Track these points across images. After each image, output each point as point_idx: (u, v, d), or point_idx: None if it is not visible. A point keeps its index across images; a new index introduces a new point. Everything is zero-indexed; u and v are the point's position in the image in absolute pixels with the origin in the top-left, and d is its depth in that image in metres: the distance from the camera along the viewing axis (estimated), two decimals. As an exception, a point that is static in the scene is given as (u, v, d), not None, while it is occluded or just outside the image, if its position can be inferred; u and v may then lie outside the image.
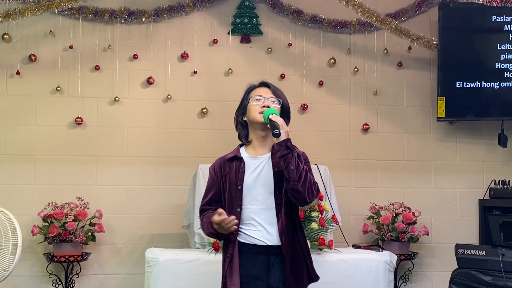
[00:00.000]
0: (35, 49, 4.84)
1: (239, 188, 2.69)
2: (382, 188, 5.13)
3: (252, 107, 2.75)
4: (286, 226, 2.68)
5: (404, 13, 5.18)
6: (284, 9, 5.09)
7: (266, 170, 2.72)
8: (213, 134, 4.96)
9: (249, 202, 2.70)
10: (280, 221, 2.67)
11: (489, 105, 5.04)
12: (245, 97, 2.83)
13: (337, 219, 4.27)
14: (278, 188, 2.69)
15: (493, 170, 5.16)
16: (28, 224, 4.58)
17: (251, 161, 2.74)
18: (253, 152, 2.77)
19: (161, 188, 4.89)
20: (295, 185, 2.56)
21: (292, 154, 2.58)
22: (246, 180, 2.70)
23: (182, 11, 5.00)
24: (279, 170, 2.65)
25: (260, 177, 2.71)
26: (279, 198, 2.69)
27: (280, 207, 2.68)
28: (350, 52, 5.20)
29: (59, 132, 4.83)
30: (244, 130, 2.81)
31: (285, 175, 2.58)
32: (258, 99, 2.75)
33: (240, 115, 2.83)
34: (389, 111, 5.21)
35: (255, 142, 2.78)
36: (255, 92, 2.81)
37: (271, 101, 2.75)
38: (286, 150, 2.58)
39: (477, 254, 4.00)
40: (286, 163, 2.57)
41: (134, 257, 4.81)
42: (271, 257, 2.67)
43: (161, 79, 4.98)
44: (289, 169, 2.56)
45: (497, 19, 4.99)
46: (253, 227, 2.69)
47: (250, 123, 2.77)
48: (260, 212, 2.69)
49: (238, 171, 2.72)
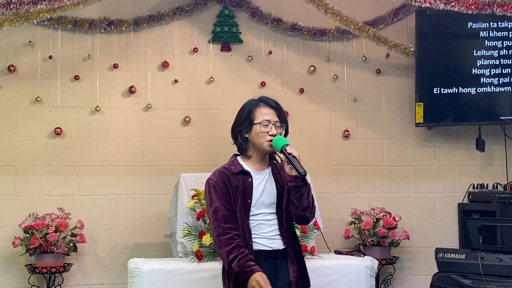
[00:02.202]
0: (14, 60, 4.81)
1: (249, 201, 2.81)
2: (363, 193, 5.18)
3: (259, 132, 2.81)
4: (288, 236, 2.87)
5: (382, 20, 5.24)
6: (264, 17, 5.13)
7: (269, 185, 2.86)
8: (195, 142, 4.97)
9: (255, 214, 2.82)
10: (284, 234, 2.85)
11: (466, 110, 5.11)
12: (248, 113, 2.85)
13: (319, 226, 4.31)
14: (278, 203, 2.87)
15: (471, 174, 5.24)
16: (9, 235, 4.56)
17: (255, 175, 2.86)
18: (254, 167, 2.88)
19: (143, 198, 4.89)
20: (304, 212, 2.77)
21: (306, 186, 2.75)
22: (255, 194, 2.83)
23: (162, 20, 5.01)
24: (281, 187, 2.85)
25: (265, 191, 2.84)
26: (280, 213, 2.86)
27: (282, 222, 2.86)
28: (330, 60, 5.25)
29: (40, 143, 4.80)
30: (246, 144, 2.86)
31: (295, 202, 2.76)
32: (266, 125, 2.80)
33: (243, 131, 2.85)
34: (368, 117, 5.27)
35: (255, 158, 2.88)
36: (261, 113, 2.83)
37: (277, 126, 2.83)
38: (301, 181, 2.72)
39: (457, 258, 4.05)
40: (299, 194, 2.74)
41: (117, 267, 4.79)
42: (277, 261, 2.83)
43: (142, 88, 4.98)
44: (301, 199, 2.74)
45: (473, 25, 5.08)
46: (258, 236, 2.82)
47: (253, 144, 2.85)
48: (265, 223, 2.83)
49: (245, 184, 2.82)
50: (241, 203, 2.80)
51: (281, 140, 2.76)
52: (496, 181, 5.09)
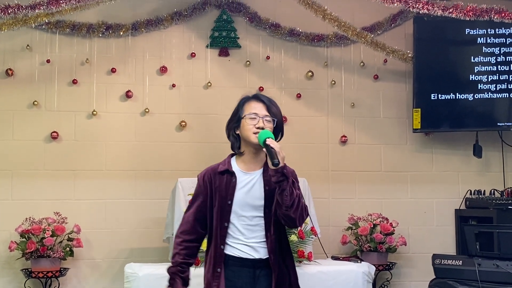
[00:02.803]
0: (12, 64, 4.81)
1: (229, 203, 2.68)
2: (360, 199, 5.18)
3: (246, 125, 2.70)
4: (275, 244, 2.68)
5: (380, 26, 5.25)
6: (262, 22, 5.14)
7: (257, 187, 2.70)
8: (192, 147, 4.97)
9: (237, 217, 2.68)
10: (269, 240, 2.67)
11: (463, 116, 5.13)
12: (239, 109, 2.78)
13: (316, 231, 4.30)
14: (267, 206, 2.68)
15: (468, 180, 5.24)
16: (5, 239, 4.55)
17: (242, 176, 2.72)
18: (244, 167, 2.74)
19: (140, 202, 4.88)
20: (288, 211, 2.56)
21: (288, 181, 2.55)
22: (237, 196, 2.69)
23: (160, 25, 5.01)
24: (270, 189, 2.65)
25: (250, 193, 2.69)
26: (268, 216, 2.68)
27: (269, 226, 2.68)
28: (327, 65, 5.25)
29: (37, 147, 4.80)
30: (238, 141, 2.76)
31: (279, 200, 2.58)
32: (253, 117, 2.70)
33: (233, 127, 2.77)
34: (366, 123, 5.27)
35: (246, 156, 2.74)
36: (250, 107, 2.75)
37: (266, 121, 2.70)
38: (281, 176, 2.55)
39: (454, 264, 4.04)
40: (281, 190, 2.55)
41: (113, 271, 4.77)
42: (257, 270, 2.67)
43: (140, 93, 4.98)
44: (283, 196, 2.55)
45: (470, 32, 5.09)
46: (239, 241, 2.68)
47: (243, 140, 2.74)
48: (248, 229, 2.68)
49: (229, 185, 2.69)
50: (221, 204, 2.68)
51: (265, 134, 2.62)
52: (493, 187, 5.10)
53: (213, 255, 2.70)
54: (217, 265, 2.67)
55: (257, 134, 2.65)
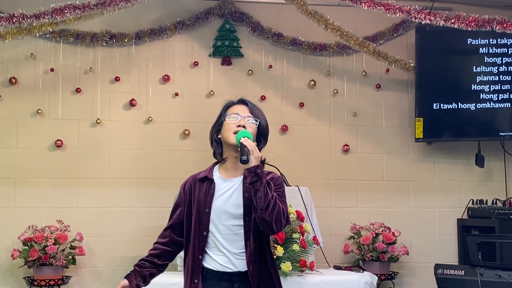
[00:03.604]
0: (16, 72, 4.83)
1: (207, 211, 2.55)
2: (362, 208, 5.18)
3: (227, 125, 2.59)
4: (255, 255, 2.53)
5: (382, 36, 5.27)
6: (264, 32, 5.16)
7: (236, 194, 2.57)
8: (195, 155, 4.98)
9: (216, 226, 2.55)
10: (248, 249, 2.53)
11: (466, 126, 5.13)
12: (222, 113, 2.68)
13: (318, 240, 4.30)
14: (247, 214, 2.53)
15: (470, 190, 5.24)
16: (8, 247, 4.56)
17: (222, 183, 2.60)
18: (225, 174, 2.63)
19: (143, 210, 4.89)
20: (263, 214, 2.41)
21: (261, 182, 2.41)
22: (215, 203, 2.56)
23: (164, 34, 5.04)
24: (249, 196, 2.48)
25: (229, 201, 2.57)
26: (248, 225, 2.53)
27: (249, 235, 2.53)
28: (330, 74, 5.27)
29: (40, 155, 4.81)
30: (219, 147, 2.66)
31: (254, 202, 2.43)
32: (235, 117, 2.60)
33: (215, 132, 2.68)
34: (368, 132, 5.28)
35: (228, 162, 2.62)
36: (232, 109, 2.65)
37: (248, 121, 2.59)
38: (255, 177, 2.41)
39: (456, 274, 4.05)
40: (254, 191, 2.41)
41: (116, 280, 4.75)
42: (235, 284, 2.53)
43: (143, 101, 5.00)
44: (257, 197, 2.40)
45: (472, 41, 5.11)
46: (218, 252, 2.55)
47: (224, 142, 2.63)
48: (227, 238, 2.55)
49: (207, 192, 2.58)
50: (199, 213, 2.57)
51: (243, 133, 2.50)
52: (495, 197, 5.09)
53: (191, 265, 2.58)
54: (194, 275, 2.55)
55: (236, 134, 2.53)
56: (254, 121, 2.61)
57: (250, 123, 2.60)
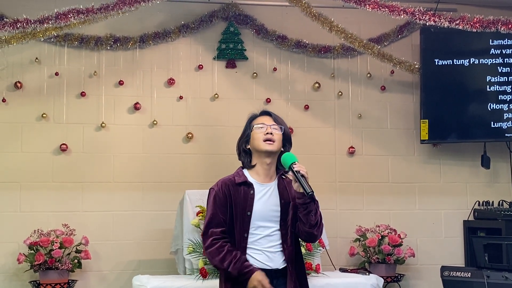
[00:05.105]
0: (20, 76, 4.84)
1: (248, 214, 2.78)
2: (368, 210, 5.17)
3: (256, 135, 2.85)
4: (292, 255, 2.81)
5: (387, 37, 5.27)
6: (269, 34, 5.16)
7: (272, 198, 2.84)
8: (200, 159, 4.98)
9: (255, 228, 2.79)
10: (287, 251, 2.80)
11: (471, 127, 5.11)
12: (247, 126, 2.94)
13: (323, 243, 4.29)
14: (283, 218, 2.82)
15: (476, 192, 5.22)
16: (14, 252, 4.56)
17: (259, 187, 2.84)
18: (258, 178, 2.87)
19: (148, 214, 4.89)
20: (312, 229, 2.77)
21: (314, 203, 2.74)
22: (255, 207, 2.80)
23: (168, 37, 5.04)
24: (285, 202, 2.82)
25: (267, 205, 2.82)
26: (284, 228, 2.81)
27: (286, 238, 2.81)
28: (334, 76, 5.26)
29: (45, 159, 4.82)
30: (248, 157, 2.90)
31: (303, 220, 2.75)
32: (261, 127, 2.85)
33: (243, 143, 2.92)
34: (373, 134, 5.27)
35: (259, 168, 2.87)
36: (257, 120, 2.91)
37: (274, 129, 2.85)
38: (308, 199, 2.71)
39: (462, 276, 4.03)
40: (307, 211, 2.73)
41: (121, 283, 4.78)
42: (274, 280, 2.76)
43: (147, 105, 5.00)
44: (309, 217, 2.74)
45: (477, 42, 5.08)
46: (258, 251, 2.79)
47: (255, 151, 2.87)
48: (265, 239, 2.80)
49: (247, 196, 2.80)
50: (240, 215, 2.79)
51: (290, 157, 2.77)
52: (501, 198, 5.08)
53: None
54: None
55: (267, 142, 2.81)
56: (279, 129, 2.87)
57: (276, 131, 2.86)
